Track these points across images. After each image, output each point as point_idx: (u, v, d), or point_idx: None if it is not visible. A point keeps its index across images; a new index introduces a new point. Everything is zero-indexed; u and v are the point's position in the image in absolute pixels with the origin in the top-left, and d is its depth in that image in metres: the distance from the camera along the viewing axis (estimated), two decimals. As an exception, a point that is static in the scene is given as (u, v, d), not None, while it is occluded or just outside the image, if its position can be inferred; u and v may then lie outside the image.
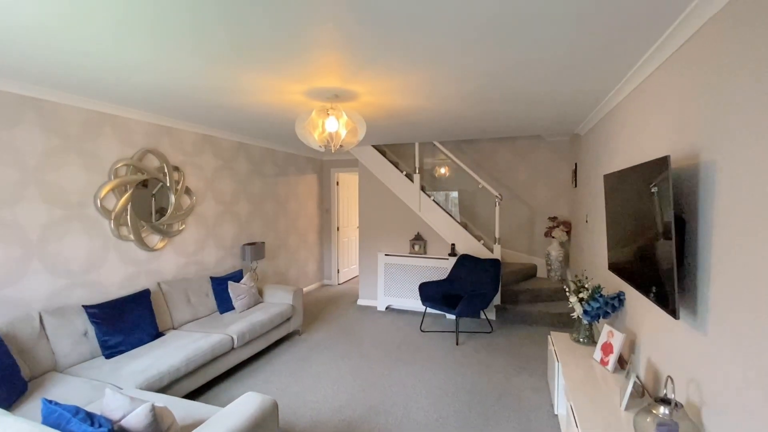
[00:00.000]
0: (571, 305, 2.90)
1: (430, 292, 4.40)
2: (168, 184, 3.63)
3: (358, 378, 3.21)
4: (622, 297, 2.64)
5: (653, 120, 2.10)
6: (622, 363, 2.50)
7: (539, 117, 3.51)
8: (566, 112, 3.34)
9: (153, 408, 1.53)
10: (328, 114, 2.75)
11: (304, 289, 6.16)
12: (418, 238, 5.10)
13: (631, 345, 2.48)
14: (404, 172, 5.18)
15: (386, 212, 5.33)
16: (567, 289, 3.02)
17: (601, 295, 2.66)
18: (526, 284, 5.02)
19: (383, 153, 5.35)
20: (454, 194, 5.98)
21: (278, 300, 4.05)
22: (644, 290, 1.91)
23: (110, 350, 2.71)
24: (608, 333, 2.50)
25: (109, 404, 1.61)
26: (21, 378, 2.17)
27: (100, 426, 1.36)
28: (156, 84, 2.54)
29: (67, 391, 2.20)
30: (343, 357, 3.62)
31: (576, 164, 4.65)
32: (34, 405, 2.05)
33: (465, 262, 4.61)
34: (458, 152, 5.82)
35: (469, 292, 4.39)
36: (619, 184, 2.31)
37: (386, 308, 5.21)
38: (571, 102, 3.00)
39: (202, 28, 1.70)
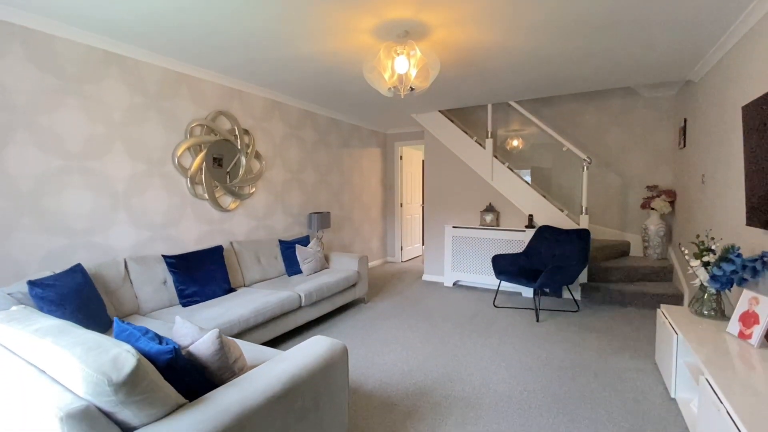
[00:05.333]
0: (691, 271, 2.38)
1: (504, 265, 4.01)
2: (239, 147, 3.68)
3: (428, 346, 2.97)
4: (767, 258, 2.08)
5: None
6: (769, 339, 1.96)
7: (645, 55, 2.93)
8: (683, 44, 2.74)
9: (220, 335, 1.43)
10: (397, 53, 2.52)
11: (368, 265, 6.07)
12: (490, 209, 4.70)
13: (784, 317, 1.94)
14: (474, 139, 4.80)
15: (454, 182, 4.99)
16: (685, 252, 2.50)
17: (738, 255, 2.12)
18: (617, 262, 4.39)
19: (451, 121, 5.00)
20: (526, 171, 5.45)
21: (344, 266, 3.95)
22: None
23: (186, 299, 2.77)
24: (750, 300, 1.98)
25: (179, 330, 1.55)
26: (107, 315, 2.26)
27: (168, 344, 1.28)
28: (222, 31, 2.49)
29: (146, 329, 2.25)
30: (411, 326, 3.41)
31: (685, 120, 3.92)
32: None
33: (545, 233, 4.13)
34: (536, 116, 5.26)
35: (551, 265, 3.93)
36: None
37: (454, 284, 4.90)
38: (693, 26, 2.43)
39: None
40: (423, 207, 7.14)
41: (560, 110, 5.16)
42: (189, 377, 1.31)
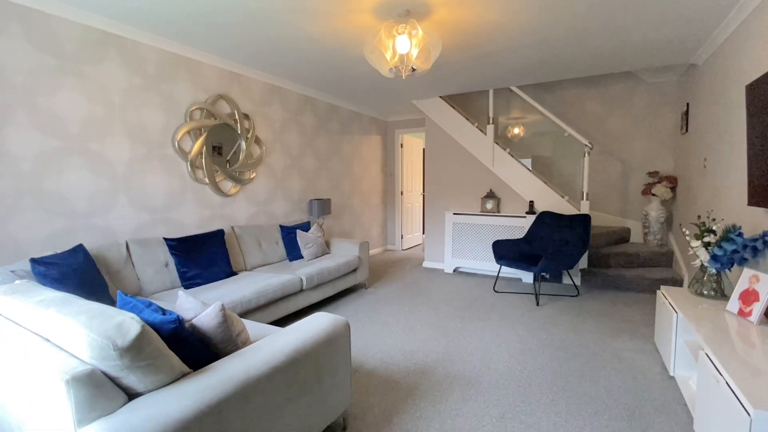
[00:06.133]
0: (692, 251, 2.38)
1: (504, 251, 4.01)
2: (239, 132, 3.66)
3: (429, 328, 2.99)
4: (768, 238, 2.09)
5: None
6: (769, 317, 1.98)
7: (650, 36, 2.90)
8: (687, 25, 2.71)
9: (223, 308, 1.43)
10: (398, 33, 2.49)
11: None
12: (491, 195, 4.69)
13: (784, 295, 1.94)
14: (475, 125, 4.77)
15: (455, 169, 4.98)
16: (686, 232, 2.50)
17: (739, 235, 2.12)
18: (617, 248, 4.40)
19: (452, 107, 4.97)
20: (527, 159, 5.43)
21: (345, 252, 3.96)
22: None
23: (188, 281, 2.78)
24: (751, 278, 1.99)
25: (182, 305, 1.55)
26: (109, 294, 2.27)
27: (171, 315, 1.29)
28: (222, 10, 2.45)
29: (149, 309, 2.26)
30: (411, 310, 3.43)
31: (688, 104, 3.90)
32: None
33: (546, 219, 4.13)
34: (537, 102, 5.23)
35: (551, 250, 3.94)
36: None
37: (454, 270, 4.91)
38: (698, 6, 2.39)
39: None
40: (423, 195, 7.13)
41: (562, 96, 5.13)
42: (193, 349, 1.32)
